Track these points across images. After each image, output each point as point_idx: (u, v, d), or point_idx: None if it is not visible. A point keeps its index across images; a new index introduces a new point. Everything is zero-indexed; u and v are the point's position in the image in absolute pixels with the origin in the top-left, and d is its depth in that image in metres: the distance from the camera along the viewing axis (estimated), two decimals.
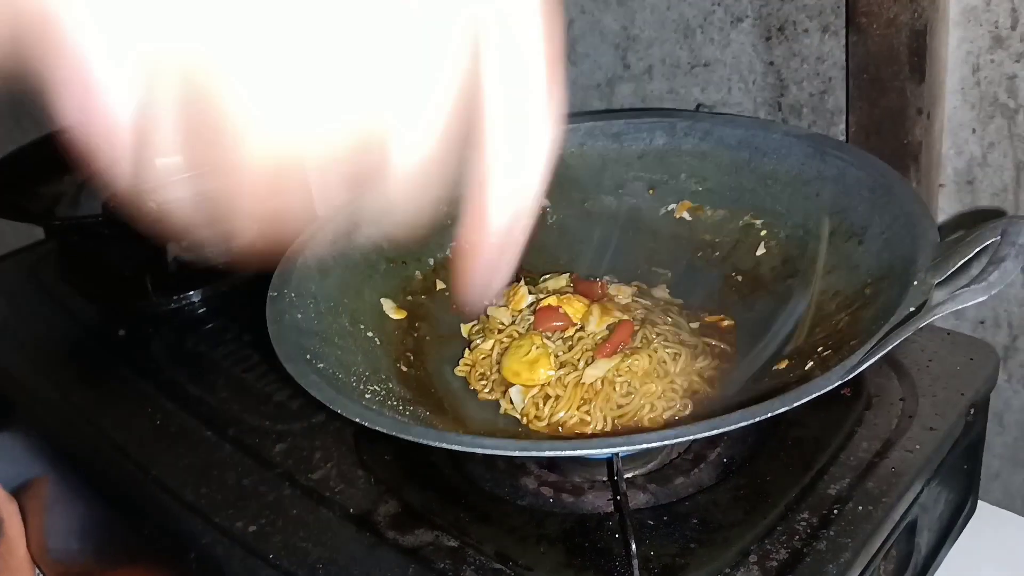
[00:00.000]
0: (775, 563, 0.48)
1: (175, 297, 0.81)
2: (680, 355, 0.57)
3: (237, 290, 0.83)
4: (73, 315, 0.84)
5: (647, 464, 0.56)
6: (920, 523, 0.57)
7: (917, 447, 0.54)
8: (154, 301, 0.81)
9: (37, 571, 0.74)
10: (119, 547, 0.66)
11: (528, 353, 0.58)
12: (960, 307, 0.42)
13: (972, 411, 0.58)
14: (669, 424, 0.54)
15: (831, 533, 0.49)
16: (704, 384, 0.57)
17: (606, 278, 0.65)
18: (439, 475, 0.57)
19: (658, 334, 0.58)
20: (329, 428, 0.62)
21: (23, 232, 1.05)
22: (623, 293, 0.62)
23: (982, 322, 0.76)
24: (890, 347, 0.43)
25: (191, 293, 0.82)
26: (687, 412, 0.56)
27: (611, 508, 0.53)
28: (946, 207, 0.74)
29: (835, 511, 0.50)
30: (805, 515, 0.50)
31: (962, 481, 0.62)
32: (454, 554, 0.51)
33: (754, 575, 0.47)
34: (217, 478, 0.60)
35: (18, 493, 0.75)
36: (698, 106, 0.84)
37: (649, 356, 0.56)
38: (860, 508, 0.50)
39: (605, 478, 0.55)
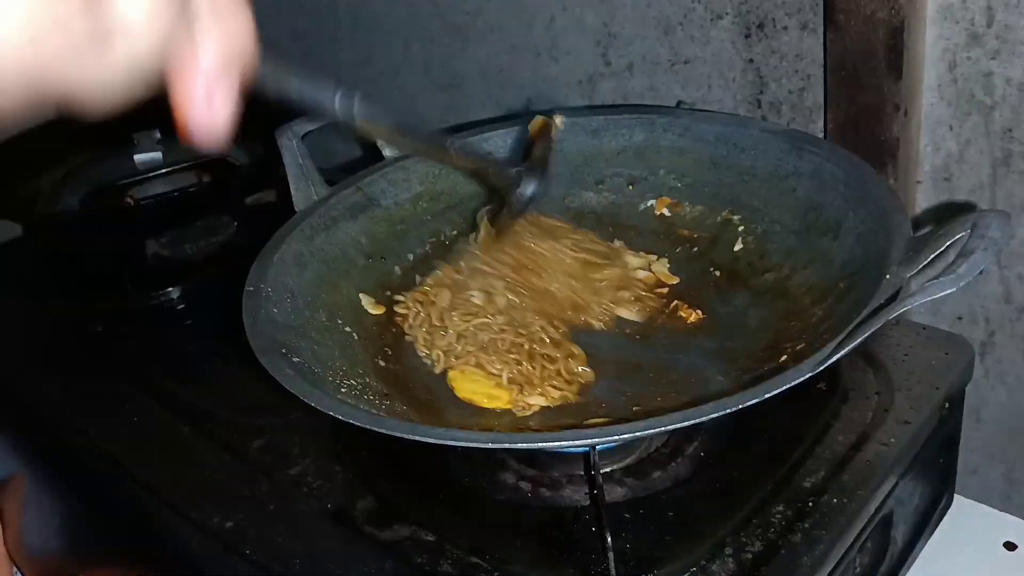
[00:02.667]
0: (750, 555, 0.48)
1: (153, 293, 0.81)
2: None
3: (215, 286, 0.82)
4: (51, 311, 0.84)
5: (624, 458, 0.56)
6: (896, 516, 0.57)
7: (892, 440, 0.55)
8: (132, 297, 0.81)
9: (15, 569, 0.73)
10: (96, 543, 0.66)
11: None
12: (930, 298, 0.42)
13: (947, 405, 0.58)
14: (642, 416, 0.54)
15: (806, 526, 0.49)
16: None
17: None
18: (416, 470, 0.57)
19: None
20: (306, 424, 0.62)
21: (1, 229, 1.04)
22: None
23: (959, 318, 0.76)
24: (862, 338, 0.43)
25: (169, 289, 0.82)
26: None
27: (588, 502, 0.53)
28: (923, 203, 0.75)
29: (810, 504, 0.51)
30: (780, 508, 0.51)
31: (938, 475, 0.62)
32: (431, 548, 0.51)
33: (729, 567, 0.48)
34: (194, 474, 0.60)
35: None
36: (678, 103, 0.84)
37: None
38: (835, 501, 0.51)
39: (582, 472, 0.55)
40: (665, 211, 0.68)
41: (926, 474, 0.60)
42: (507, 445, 0.48)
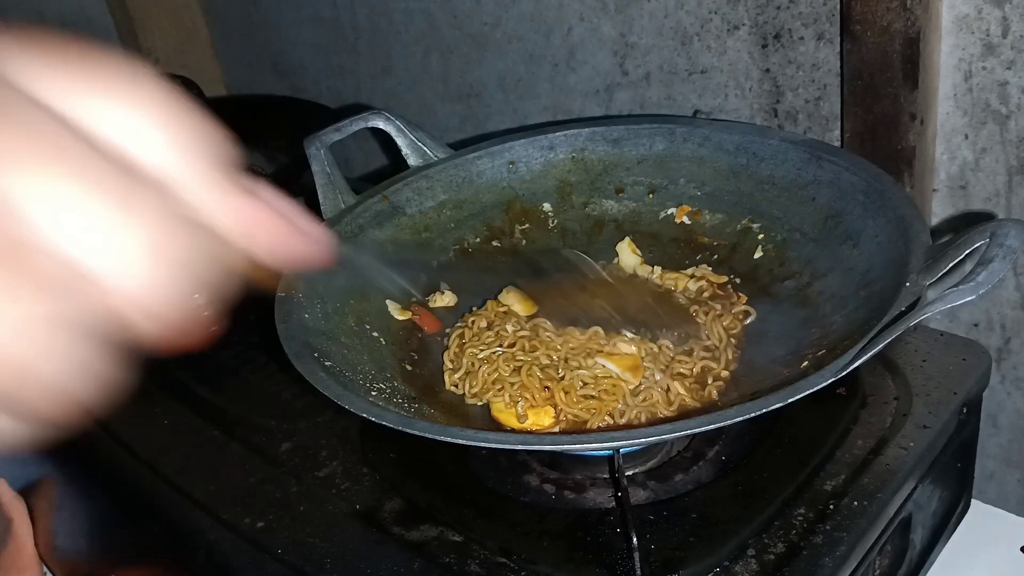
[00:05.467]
0: (772, 556, 0.49)
1: None
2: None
3: (243, 293, 0.84)
4: None
5: (647, 461, 0.57)
6: (914, 520, 0.58)
7: (911, 445, 0.56)
8: None
9: (45, 570, 0.75)
10: (127, 545, 0.67)
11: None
12: (949, 306, 0.43)
13: (965, 410, 0.59)
14: (667, 420, 0.55)
15: (827, 528, 0.50)
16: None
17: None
18: (443, 473, 0.58)
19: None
20: (334, 427, 0.63)
21: None
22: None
23: (976, 324, 0.77)
24: (882, 345, 0.44)
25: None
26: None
27: (612, 504, 0.54)
28: (939, 211, 0.76)
29: (831, 506, 0.52)
30: (802, 510, 0.52)
31: (956, 479, 0.63)
32: (459, 549, 0.52)
33: (752, 568, 0.49)
34: (225, 476, 0.61)
35: (25, 493, 0.76)
36: (695, 112, 0.85)
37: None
38: (855, 504, 0.52)
39: (605, 475, 0.56)
40: (685, 219, 0.69)
41: (944, 478, 0.61)
42: (536, 447, 0.49)
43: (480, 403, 0.59)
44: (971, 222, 0.74)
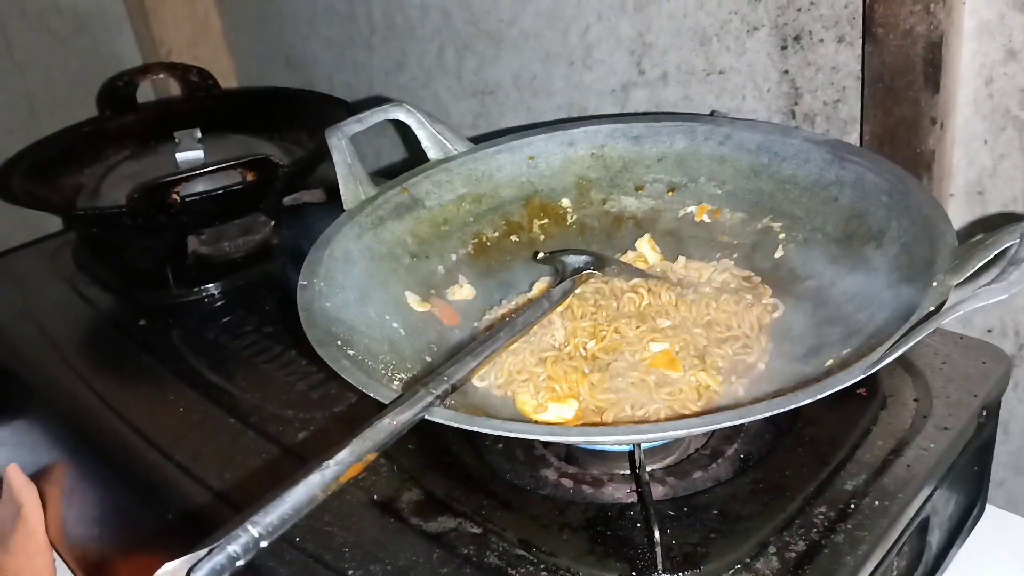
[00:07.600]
0: (794, 554, 0.49)
1: (195, 289, 0.83)
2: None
3: (255, 284, 0.84)
4: (92, 304, 0.85)
5: (665, 458, 0.57)
6: (932, 522, 0.58)
7: (931, 446, 0.56)
8: (174, 293, 0.82)
9: (56, 556, 0.74)
10: (139, 532, 0.67)
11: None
12: (980, 305, 0.43)
13: (984, 413, 0.59)
14: (691, 415, 0.55)
15: (848, 526, 0.50)
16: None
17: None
18: (461, 465, 0.58)
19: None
20: (350, 418, 0.63)
21: (38, 223, 1.05)
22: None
23: (989, 330, 0.77)
24: (909, 345, 0.44)
25: (210, 286, 0.83)
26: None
27: (631, 499, 0.54)
28: (956, 216, 0.76)
29: (852, 506, 0.52)
30: (823, 509, 0.51)
31: (972, 483, 0.63)
32: (477, 540, 0.52)
33: (773, 565, 0.48)
34: (240, 464, 0.61)
35: (37, 478, 0.76)
36: (712, 113, 0.85)
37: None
38: (876, 503, 0.52)
39: (623, 471, 0.56)
40: (705, 218, 0.69)
41: (962, 481, 0.61)
42: (559, 438, 0.49)
43: (505, 394, 0.58)
44: (988, 227, 0.74)
